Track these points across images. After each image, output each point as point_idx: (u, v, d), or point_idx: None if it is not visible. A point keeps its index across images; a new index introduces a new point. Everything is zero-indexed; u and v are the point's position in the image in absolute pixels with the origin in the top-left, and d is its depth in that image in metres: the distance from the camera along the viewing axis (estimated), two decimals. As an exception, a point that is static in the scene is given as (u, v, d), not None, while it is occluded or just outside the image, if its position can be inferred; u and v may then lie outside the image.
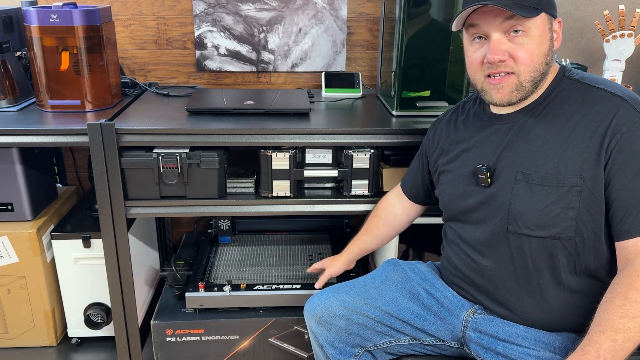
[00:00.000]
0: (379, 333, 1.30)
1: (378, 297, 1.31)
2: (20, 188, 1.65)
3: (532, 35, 1.06)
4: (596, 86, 1.09)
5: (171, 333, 1.71)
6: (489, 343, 1.17)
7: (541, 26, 1.07)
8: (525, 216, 1.09)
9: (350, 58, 2.06)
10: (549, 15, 1.08)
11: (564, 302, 1.11)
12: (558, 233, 1.07)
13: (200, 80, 2.06)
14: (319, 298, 1.37)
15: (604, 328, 0.95)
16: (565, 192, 1.05)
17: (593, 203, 1.04)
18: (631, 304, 0.95)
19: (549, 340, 1.11)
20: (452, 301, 1.26)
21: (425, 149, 1.39)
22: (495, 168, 1.14)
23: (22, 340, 1.81)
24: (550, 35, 1.09)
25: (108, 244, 1.58)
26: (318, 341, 1.35)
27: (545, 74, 1.10)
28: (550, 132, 1.09)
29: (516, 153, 1.12)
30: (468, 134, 1.24)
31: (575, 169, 1.04)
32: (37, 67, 1.60)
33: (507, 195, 1.11)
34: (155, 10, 1.97)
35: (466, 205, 1.20)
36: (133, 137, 1.50)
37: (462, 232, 1.24)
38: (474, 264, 1.20)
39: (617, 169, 1.01)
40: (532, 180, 1.08)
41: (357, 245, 1.56)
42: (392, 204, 1.52)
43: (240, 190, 1.63)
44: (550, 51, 1.10)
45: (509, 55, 1.07)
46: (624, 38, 1.76)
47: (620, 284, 0.98)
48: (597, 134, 1.03)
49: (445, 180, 1.28)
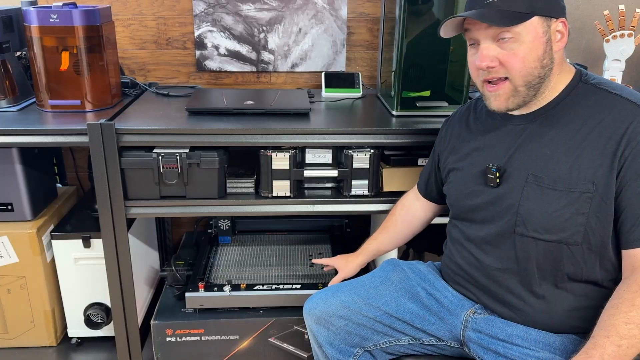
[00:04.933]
0: (378, 333, 1.29)
1: (377, 297, 1.31)
2: (20, 188, 1.65)
3: (522, 41, 1.04)
4: (613, 92, 1.07)
5: (171, 333, 1.71)
6: (488, 343, 1.16)
7: (533, 30, 1.05)
8: (534, 219, 1.08)
9: (350, 58, 2.06)
10: (545, 17, 1.05)
11: (567, 305, 1.11)
12: (565, 238, 1.06)
13: (200, 80, 2.06)
14: (318, 298, 1.37)
15: (609, 333, 0.95)
16: (576, 198, 1.04)
17: (603, 210, 1.03)
18: (638, 310, 0.95)
19: (549, 341, 1.11)
20: (451, 301, 1.26)
21: (437, 147, 1.39)
22: (505, 169, 1.14)
23: (22, 340, 1.81)
24: (546, 38, 1.06)
25: (108, 244, 1.58)
26: (317, 341, 1.35)
27: (544, 78, 1.08)
28: (564, 136, 1.07)
29: (529, 155, 1.11)
30: (480, 132, 1.23)
31: (588, 175, 1.03)
32: (37, 67, 1.59)
33: (517, 197, 1.10)
34: (155, 10, 1.97)
35: (473, 203, 1.20)
36: (133, 137, 1.49)
37: (467, 231, 1.24)
38: (478, 263, 1.20)
39: (630, 177, 1.01)
40: (543, 184, 1.07)
41: (374, 246, 1.52)
42: (411, 203, 1.50)
43: (240, 190, 1.63)
44: (548, 54, 1.07)
45: (498, 61, 1.07)
46: (624, 38, 1.76)
47: (627, 291, 0.98)
48: (612, 141, 1.02)
49: (454, 178, 1.28)
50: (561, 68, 1.11)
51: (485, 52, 1.07)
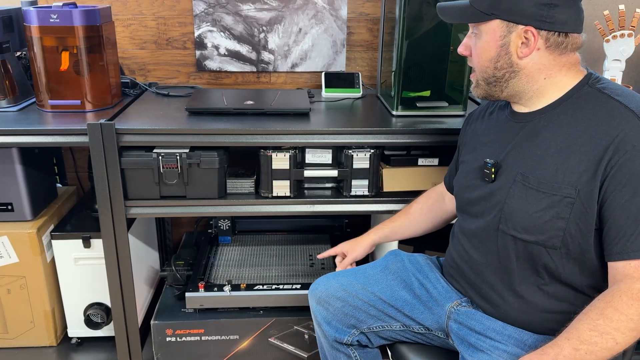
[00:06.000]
0: (372, 317, 1.33)
1: (375, 283, 1.35)
2: (20, 188, 1.65)
3: (481, 39, 1.09)
4: (615, 98, 1.03)
5: (171, 333, 1.71)
6: (464, 334, 1.19)
7: (491, 32, 1.07)
8: (515, 217, 1.09)
9: (350, 58, 2.06)
10: (507, 22, 1.04)
11: (546, 308, 1.11)
12: (544, 240, 1.06)
13: (200, 80, 2.06)
14: (322, 280, 1.42)
15: (571, 335, 0.96)
16: (558, 201, 1.03)
17: (583, 217, 1.02)
18: (605, 320, 0.94)
19: (523, 338, 1.12)
20: (440, 292, 1.28)
21: (459, 141, 1.39)
22: (501, 165, 1.14)
23: (22, 340, 1.81)
24: (502, 42, 1.06)
25: (108, 244, 1.58)
26: (317, 320, 1.40)
27: (502, 79, 1.09)
28: (557, 138, 1.07)
29: (522, 154, 1.11)
30: (488, 128, 1.24)
31: (572, 179, 1.02)
32: (37, 67, 1.59)
33: (504, 195, 1.11)
34: (155, 10, 1.97)
35: (470, 197, 1.22)
36: (133, 137, 1.49)
37: (463, 224, 1.26)
38: (467, 256, 1.22)
39: (615, 187, 0.98)
40: (528, 184, 1.08)
41: (389, 228, 1.49)
42: (440, 196, 1.47)
43: (240, 190, 1.63)
44: (503, 59, 1.07)
45: (469, 51, 1.14)
46: (624, 38, 1.76)
47: (601, 300, 0.98)
48: (600, 147, 1.00)
49: (460, 171, 1.30)
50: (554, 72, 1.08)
51: (463, 41, 1.15)
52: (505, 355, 1.10)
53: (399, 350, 1.33)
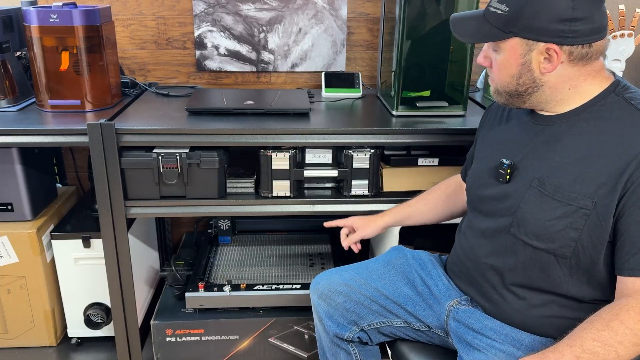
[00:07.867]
0: (373, 312, 1.33)
1: (377, 278, 1.35)
2: (20, 188, 1.65)
3: (502, 56, 1.06)
4: None
5: (171, 333, 1.71)
6: (462, 332, 1.19)
7: (510, 50, 1.04)
8: (528, 223, 1.08)
9: (350, 58, 2.06)
10: (526, 40, 1.01)
11: (548, 312, 1.10)
12: (554, 249, 1.05)
13: (200, 80, 2.06)
14: (325, 275, 1.42)
15: (574, 343, 0.95)
16: (573, 212, 1.02)
17: (597, 230, 1.01)
18: (610, 332, 0.94)
19: (519, 337, 1.12)
20: (441, 290, 1.28)
21: (477, 133, 1.37)
22: (517, 167, 1.12)
23: (22, 340, 1.81)
24: (523, 60, 1.03)
25: (108, 244, 1.58)
26: (318, 315, 1.40)
27: (525, 93, 1.07)
28: (577, 147, 1.04)
29: (540, 158, 1.09)
30: (506, 126, 1.22)
31: (590, 191, 1.00)
32: (37, 67, 1.59)
33: (519, 198, 1.10)
34: (155, 10, 1.97)
35: (482, 195, 1.20)
36: (133, 137, 1.49)
37: (473, 220, 1.24)
38: (472, 254, 1.22)
39: (634, 203, 0.96)
40: (544, 190, 1.06)
41: (406, 211, 1.46)
42: (459, 186, 1.43)
43: (240, 190, 1.63)
44: (526, 76, 1.05)
45: (490, 62, 1.11)
46: (624, 38, 1.76)
47: (608, 312, 0.97)
48: (621, 160, 0.97)
49: (474, 167, 1.28)
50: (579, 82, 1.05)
51: (482, 52, 1.13)
52: (501, 355, 1.10)
53: (398, 349, 1.34)
